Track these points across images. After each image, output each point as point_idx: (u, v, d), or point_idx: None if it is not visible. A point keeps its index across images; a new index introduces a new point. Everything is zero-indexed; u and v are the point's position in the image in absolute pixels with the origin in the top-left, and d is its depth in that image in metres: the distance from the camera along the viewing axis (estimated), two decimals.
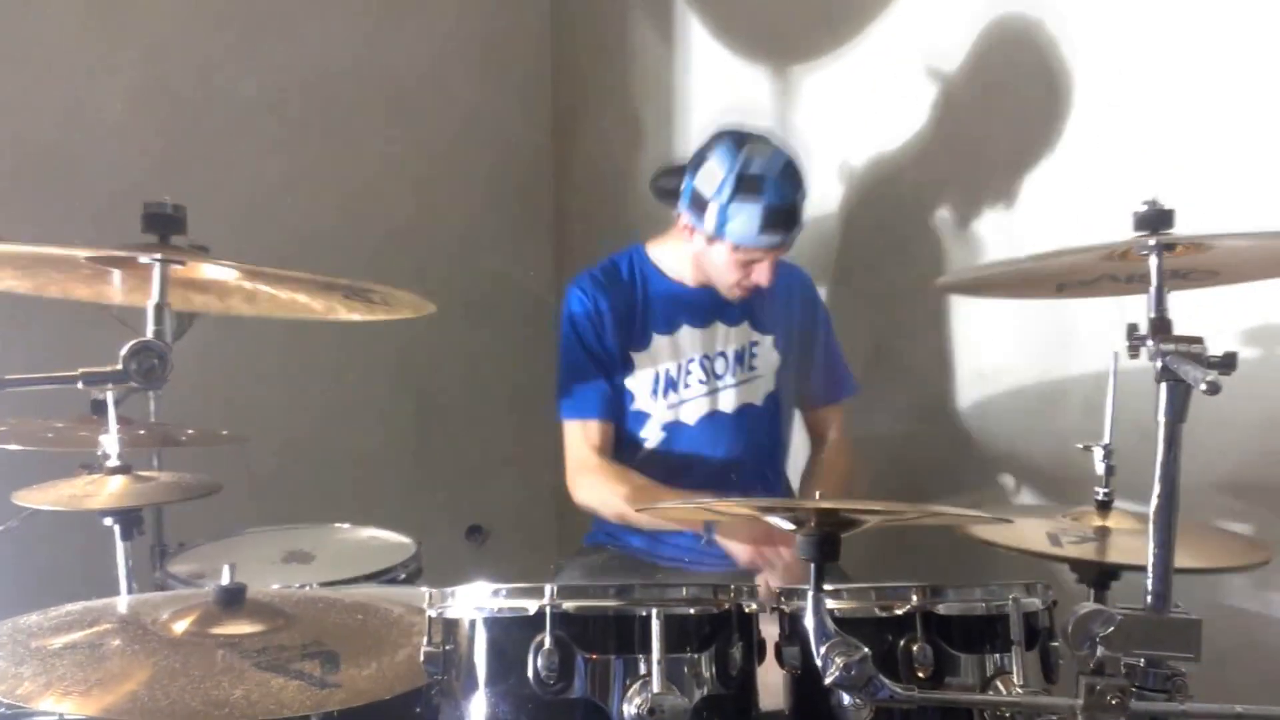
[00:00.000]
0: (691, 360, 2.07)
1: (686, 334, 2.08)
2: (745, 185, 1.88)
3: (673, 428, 2.08)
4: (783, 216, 1.89)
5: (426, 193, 3.17)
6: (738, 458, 2.09)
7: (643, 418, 2.08)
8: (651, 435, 2.09)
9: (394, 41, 3.09)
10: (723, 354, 2.09)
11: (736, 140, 1.91)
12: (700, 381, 2.07)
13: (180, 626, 1.23)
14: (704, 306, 2.09)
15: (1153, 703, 1.08)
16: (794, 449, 2.26)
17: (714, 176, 1.90)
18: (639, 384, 2.07)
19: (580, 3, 3.38)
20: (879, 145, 2.38)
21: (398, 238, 3.08)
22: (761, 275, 1.97)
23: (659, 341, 2.08)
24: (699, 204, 1.93)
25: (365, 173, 3.05)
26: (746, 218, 1.88)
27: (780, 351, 2.12)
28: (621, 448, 2.10)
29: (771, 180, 1.88)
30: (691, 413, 2.07)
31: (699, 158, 1.94)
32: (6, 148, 2.50)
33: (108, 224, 1.86)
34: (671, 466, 2.06)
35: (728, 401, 2.08)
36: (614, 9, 3.18)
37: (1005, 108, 2.11)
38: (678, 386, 2.07)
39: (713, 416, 2.07)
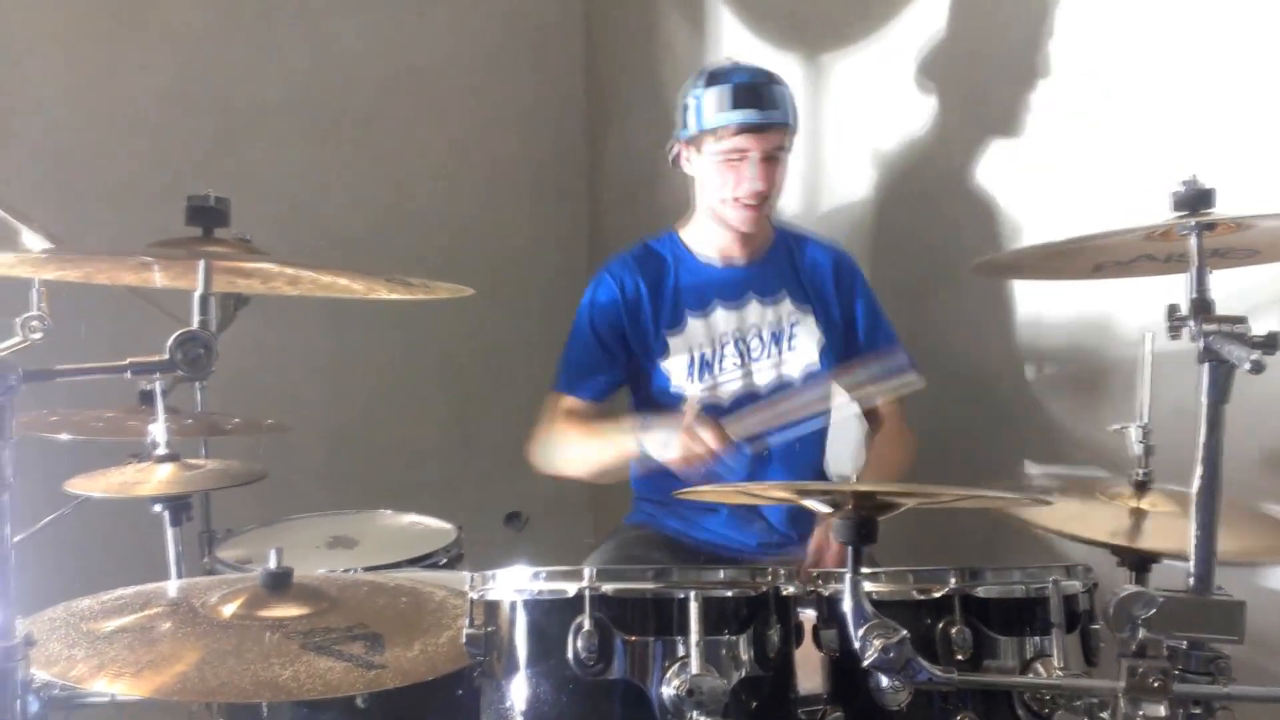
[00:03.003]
0: (726, 343, 2.07)
1: (720, 314, 2.08)
2: (713, 76, 1.97)
3: (708, 408, 2.06)
4: (753, 91, 1.94)
5: (462, 186, 3.20)
6: (773, 436, 2.07)
7: (679, 399, 2.07)
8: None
9: (428, 37, 3.10)
10: (758, 333, 2.08)
11: None
12: (735, 364, 2.07)
13: (229, 609, 1.26)
14: (737, 284, 2.09)
15: (1196, 685, 1.08)
16: None
17: (688, 89, 2.00)
18: (675, 365, 2.07)
19: None
20: (911, 131, 2.36)
21: (435, 230, 3.11)
22: (751, 175, 1.95)
23: (693, 324, 2.07)
24: (683, 120, 2.00)
25: (400, 166, 3.08)
26: (717, 96, 1.94)
27: (823, 329, 2.09)
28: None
29: (738, 67, 1.98)
30: (727, 393, 2.07)
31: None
32: (45, 144, 2.55)
33: (145, 217, 1.90)
34: None
35: (762, 378, 2.07)
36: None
37: (1039, 90, 2.08)
38: (713, 369, 2.06)
39: (749, 396, 2.06)
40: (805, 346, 2.08)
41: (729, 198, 1.99)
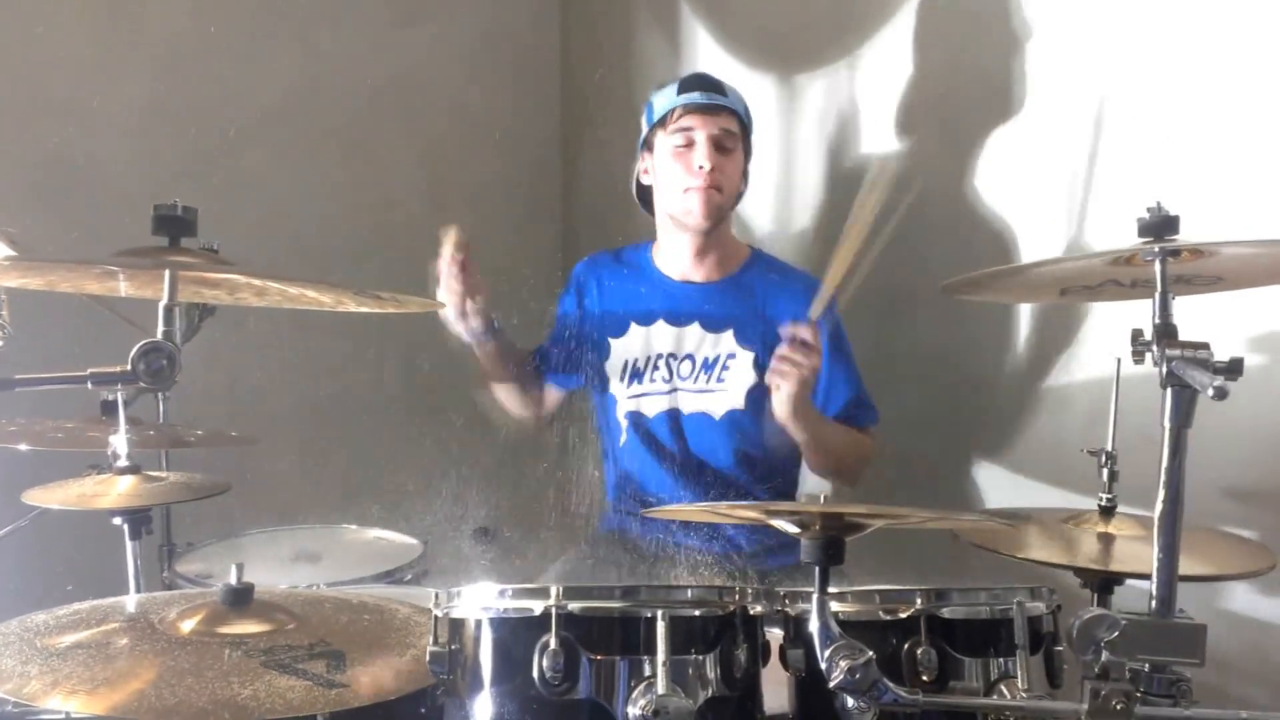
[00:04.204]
0: (660, 356, 2.09)
1: (661, 329, 2.10)
2: (665, 82, 2.06)
3: (634, 417, 2.12)
4: (700, 78, 2.02)
5: (436, 197, 3.19)
6: (698, 460, 2.08)
7: (613, 401, 2.15)
8: (621, 420, 2.15)
9: (405, 50, 3.10)
10: (690, 357, 2.08)
11: None
12: (664, 380, 2.09)
13: (188, 625, 1.24)
14: (685, 306, 2.10)
15: (1157, 708, 1.08)
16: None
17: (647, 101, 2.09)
18: (613, 368, 2.14)
19: (588, 12, 3.39)
20: (882, 153, 2.38)
21: (407, 241, 3.08)
22: (700, 155, 1.96)
23: (635, 331, 2.13)
24: (641, 132, 2.09)
25: (375, 178, 3.07)
26: (667, 91, 2.02)
27: (758, 370, 2.02)
28: (607, 428, 2.19)
29: (688, 72, 2.08)
30: (651, 407, 2.10)
31: None
32: (22, 152, 2.52)
33: (120, 227, 1.88)
34: (639, 454, 2.12)
35: (685, 405, 2.08)
36: (621, 18, 3.20)
37: (1010, 114, 2.11)
38: (641, 379, 2.10)
39: (670, 415, 2.08)
40: (734, 385, 2.04)
41: (680, 189, 1.99)
